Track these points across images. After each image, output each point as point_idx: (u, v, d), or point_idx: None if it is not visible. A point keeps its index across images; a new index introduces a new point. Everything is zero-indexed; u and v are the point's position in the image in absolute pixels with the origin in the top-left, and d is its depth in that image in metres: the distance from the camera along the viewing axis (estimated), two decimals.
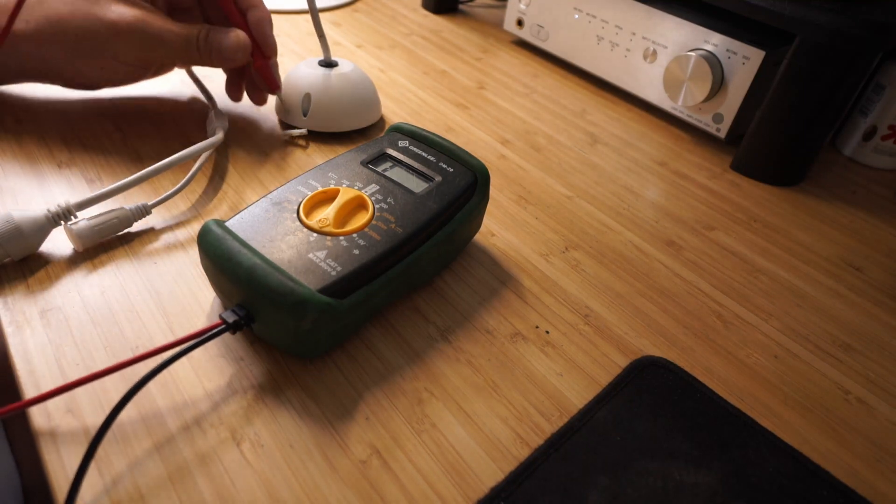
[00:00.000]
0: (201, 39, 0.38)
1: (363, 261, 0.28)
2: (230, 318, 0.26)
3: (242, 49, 0.39)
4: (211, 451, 0.25)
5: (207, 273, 0.29)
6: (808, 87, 0.43)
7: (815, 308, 0.36)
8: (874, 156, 0.52)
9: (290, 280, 0.26)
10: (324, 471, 0.24)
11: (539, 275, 0.36)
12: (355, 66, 0.47)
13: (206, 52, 0.39)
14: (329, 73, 0.45)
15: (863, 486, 0.26)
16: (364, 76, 0.47)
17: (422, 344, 0.30)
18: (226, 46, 0.39)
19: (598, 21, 0.55)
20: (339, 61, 0.46)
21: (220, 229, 0.28)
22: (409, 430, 0.26)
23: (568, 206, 0.42)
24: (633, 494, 0.25)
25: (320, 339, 0.27)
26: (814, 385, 0.31)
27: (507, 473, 0.25)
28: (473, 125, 0.50)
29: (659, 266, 0.38)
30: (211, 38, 0.38)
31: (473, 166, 0.34)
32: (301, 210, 0.30)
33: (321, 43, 0.45)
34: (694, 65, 0.48)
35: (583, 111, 0.55)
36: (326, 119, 0.45)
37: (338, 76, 0.45)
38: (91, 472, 0.23)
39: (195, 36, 0.38)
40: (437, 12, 0.71)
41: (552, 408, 0.28)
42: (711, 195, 0.45)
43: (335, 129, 0.45)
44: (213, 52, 0.39)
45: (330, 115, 0.45)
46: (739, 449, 0.27)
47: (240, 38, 0.39)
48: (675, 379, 0.30)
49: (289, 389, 0.27)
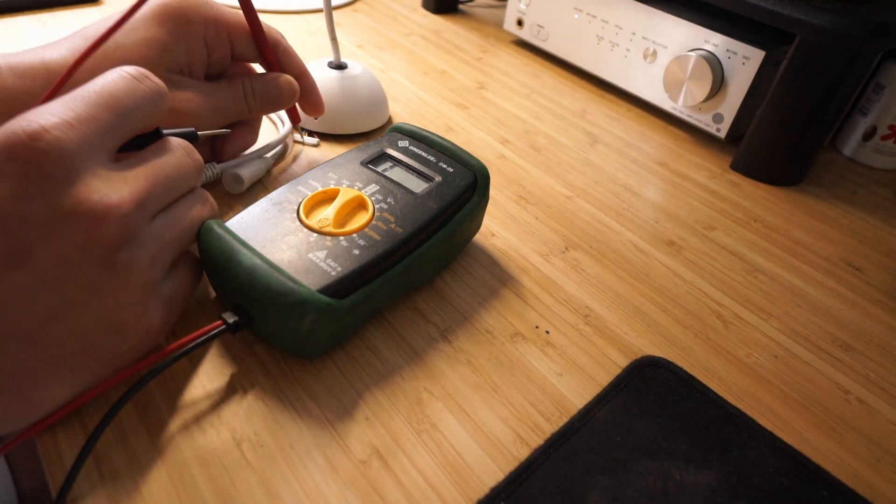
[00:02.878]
0: (250, 98, 0.37)
1: (363, 261, 0.28)
2: (230, 319, 0.26)
3: (295, 92, 0.39)
4: (211, 451, 0.25)
5: (207, 273, 0.29)
6: (808, 87, 0.43)
7: (815, 308, 0.36)
8: (874, 156, 0.52)
9: (290, 280, 0.26)
10: (324, 471, 0.24)
11: (539, 275, 0.36)
12: (365, 69, 0.47)
13: (256, 107, 0.37)
14: (340, 75, 0.45)
15: (863, 486, 0.26)
16: (373, 78, 0.47)
17: (422, 344, 0.30)
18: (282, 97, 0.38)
19: (598, 21, 0.55)
20: (348, 63, 0.46)
21: (220, 229, 0.28)
22: (409, 430, 0.26)
23: (568, 206, 0.42)
24: (633, 494, 0.25)
25: (320, 340, 0.27)
26: (814, 385, 0.31)
27: (507, 473, 0.25)
28: (473, 125, 0.50)
29: (659, 266, 0.38)
30: (260, 93, 0.37)
31: (473, 166, 0.34)
32: (301, 210, 0.30)
33: (332, 46, 0.45)
34: (694, 65, 0.48)
35: (583, 111, 0.54)
36: (336, 122, 0.45)
37: (348, 79, 0.45)
38: (91, 471, 0.23)
39: (242, 98, 0.37)
40: (437, 12, 0.71)
41: (552, 408, 0.28)
42: (711, 195, 0.45)
43: (345, 132, 0.46)
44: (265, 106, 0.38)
45: (340, 117, 0.45)
46: (739, 449, 0.27)
47: (290, 83, 0.38)
48: (675, 379, 0.30)
49: (289, 389, 0.27)
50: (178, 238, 0.26)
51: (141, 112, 0.25)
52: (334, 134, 0.46)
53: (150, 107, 0.26)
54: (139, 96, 0.25)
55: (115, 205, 0.22)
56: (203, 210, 0.28)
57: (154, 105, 0.26)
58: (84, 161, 0.22)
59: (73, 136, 0.22)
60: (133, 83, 0.25)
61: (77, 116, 0.23)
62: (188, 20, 0.34)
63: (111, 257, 0.22)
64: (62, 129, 0.22)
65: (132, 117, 0.25)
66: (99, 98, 0.24)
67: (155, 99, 0.26)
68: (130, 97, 0.25)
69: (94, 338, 0.23)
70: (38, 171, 0.21)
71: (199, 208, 0.28)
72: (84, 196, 0.22)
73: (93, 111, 0.23)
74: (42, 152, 0.21)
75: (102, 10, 0.59)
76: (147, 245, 0.24)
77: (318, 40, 0.60)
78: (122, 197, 0.23)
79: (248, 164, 0.39)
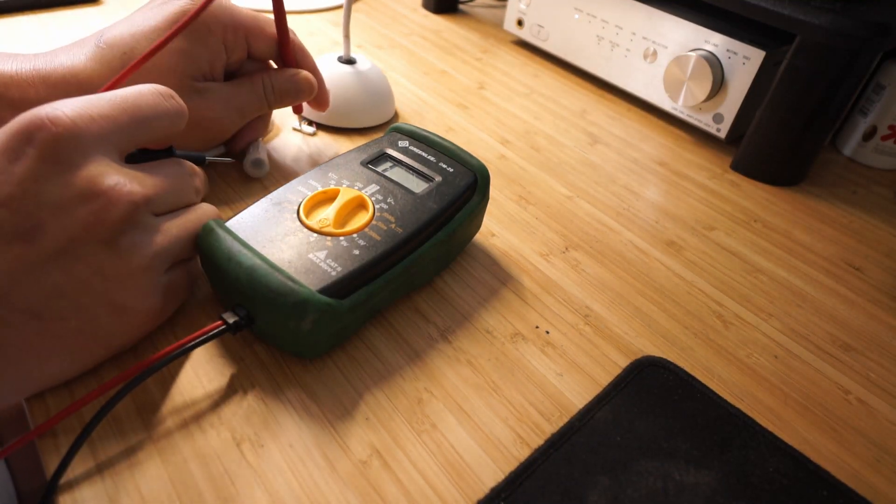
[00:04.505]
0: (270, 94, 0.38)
1: (363, 261, 0.28)
2: (230, 319, 0.26)
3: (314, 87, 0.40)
4: (211, 451, 0.25)
5: (207, 273, 0.29)
6: (808, 87, 0.43)
7: (815, 308, 0.36)
8: (874, 156, 0.52)
9: (290, 280, 0.26)
10: (324, 471, 0.24)
11: (539, 275, 0.36)
12: (373, 65, 0.48)
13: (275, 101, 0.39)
14: (351, 70, 0.46)
15: (863, 486, 0.26)
16: (381, 74, 0.48)
17: (422, 344, 0.30)
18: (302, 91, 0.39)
19: (599, 21, 0.55)
20: (357, 59, 0.47)
21: (220, 229, 0.28)
22: (409, 430, 0.26)
23: (568, 206, 0.42)
24: (633, 494, 0.25)
25: (321, 340, 0.27)
26: (814, 385, 0.31)
27: (507, 473, 0.25)
28: (473, 125, 0.50)
29: (659, 266, 0.38)
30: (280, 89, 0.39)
31: (473, 166, 0.34)
32: (301, 210, 0.30)
33: (345, 43, 0.46)
34: (694, 65, 0.48)
35: (583, 111, 0.54)
36: (346, 115, 0.46)
37: (357, 73, 0.46)
38: (91, 471, 0.23)
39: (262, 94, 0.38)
40: (437, 12, 0.71)
41: (552, 408, 0.28)
42: (711, 195, 0.45)
43: (352, 126, 0.46)
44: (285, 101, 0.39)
45: (350, 111, 0.46)
46: (739, 449, 0.27)
47: (309, 78, 0.39)
48: (675, 379, 0.30)
49: (289, 389, 0.27)
50: (182, 237, 0.27)
51: (159, 125, 0.27)
52: (343, 127, 0.47)
53: (167, 122, 0.27)
54: (161, 111, 0.27)
55: (127, 193, 0.24)
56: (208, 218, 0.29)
57: (172, 122, 0.28)
58: (98, 150, 0.24)
59: (92, 128, 0.24)
60: (159, 98, 0.27)
61: (100, 112, 0.24)
62: (208, 29, 0.35)
63: (116, 239, 0.24)
64: (82, 119, 0.24)
65: (149, 127, 0.27)
66: (124, 104, 0.26)
67: (174, 117, 0.28)
68: (152, 110, 0.27)
69: (96, 317, 0.24)
70: (55, 153, 0.23)
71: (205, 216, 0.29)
72: (98, 180, 0.23)
73: (114, 112, 0.25)
74: (60, 137, 0.23)
75: (102, 10, 0.59)
76: (151, 235, 0.25)
77: (318, 40, 0.60)
78: (134, 188, 0.25)
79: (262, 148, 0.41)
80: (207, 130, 0.36)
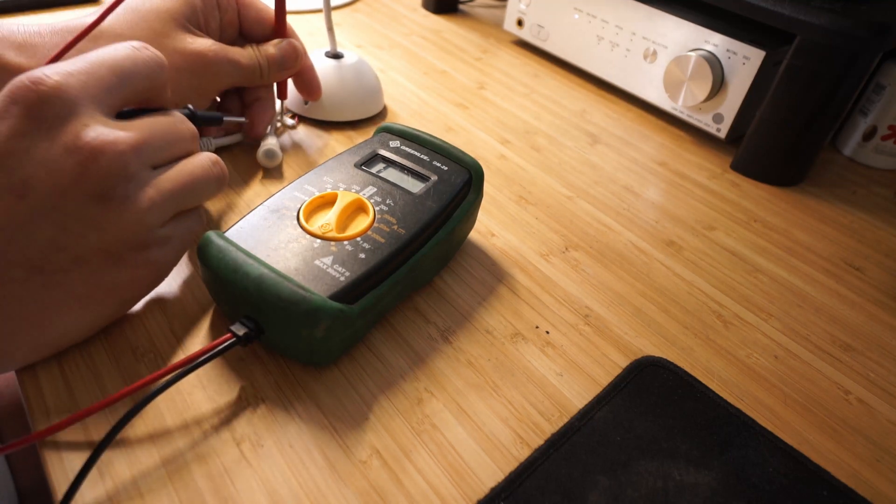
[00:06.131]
0: (262, 58, 0.39)
1: (370, 264, 0.28)
2: (240, 331, 0.26)
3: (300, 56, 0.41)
4: (211, 450, 0.25)
5: (209, 285, 0.29)
6: (808, 87, 0.43)
7: (815, 308, 0.36)
8: (874, 156, 0.52)
9: (300, 288, 0.26)
10: (324, 471, 0.24)
11: (539, 275, 0.36)
12: (360, 58, 0.48)
13: (267, 70, 0.39)
14: (335, 63, 0.46)
15: (863, 486, 0.26)
16: (368, 67, 0.48)
17: (422, 344, 0.30)
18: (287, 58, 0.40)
19: (599, 21, 0.55)
20: (344, 53, 0.47)
21: (220, 240, 0.28)
22: (409, 431, 0.26)
23: (568, 206, 0.42)
24: (633, 494, 0.25)
25: (332, 347, 0.27)
26: (814, 385, 0.31)
27: (507, 473, 0.25)
28: (473, 125, 0.50)
29: (659, 266, 0.38)
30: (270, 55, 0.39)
31: (467, 163, 0.34)
32: (301, 216, 0.30)
33: (329, 36, 0.46)
34: (694, 65, 0.48)
35: (583, 111, 0.54)
36: (332, 109, 0.46)
37: (344, 67, 0.46)
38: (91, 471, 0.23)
39: (255, 56, 0.39)
40: (437, 12, 0.71)
41: (552, 408, 0.28)
42: (711, 195, 0.45)
43: (339, 119, 0.47)
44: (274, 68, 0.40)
45: (336, 104, 0.46)
46: (739, 449, 0.27)
47: (293, 45, 0.40)
48: (675, 379, 0.30)
49: (289, 389, 0.27)
50: (179, 190, 0.27)
51: (139, 77, 0.27)
52: (330, 121, 0.47)
53: (147, 72, 0.28)
54: (139, 62, 0.27)
55: (111, 142, 0.24)
56: (213, 169, 0.29)
57: (152, 72, 0.28)
58: (84, 106, 0.25)
59: (73, 83, 0.24)
60: (133, 51, 0.28)
61: (78, 69, 0.25)
62: None
63: (106, 192, 0.24)
64: (63, 76, 0.24)
65: (131, 80, 0.27)
66: (101, 59, 0.26)
67: (153, 66, 0.28)
68: (130, 61, 0.27)
69: (97, 268, 0.25)
70: (40, 110, 0.23)
71: (205, 167, 0.29)
72: (82, 133, 0.24)
73: (93, 68, 0.26)
74: (43, 94, 0.23)
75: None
76: (144, 188, 0.26)
77: (318, 40, 0.60)
78: (118, 137, 0.25)
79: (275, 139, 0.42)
80: (200, 77, 0.36)
